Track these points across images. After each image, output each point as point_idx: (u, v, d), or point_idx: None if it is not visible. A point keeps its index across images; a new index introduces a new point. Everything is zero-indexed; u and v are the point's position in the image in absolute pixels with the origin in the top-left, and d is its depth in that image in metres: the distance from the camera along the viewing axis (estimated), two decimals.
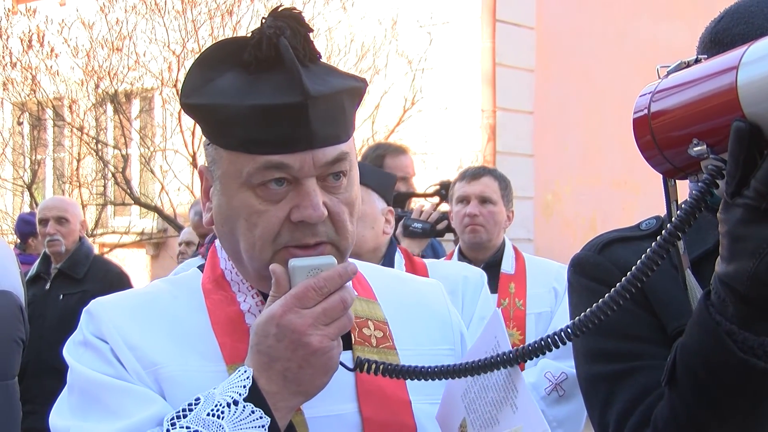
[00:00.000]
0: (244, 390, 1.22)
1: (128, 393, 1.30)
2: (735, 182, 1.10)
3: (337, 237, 1.34)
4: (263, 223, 1.31)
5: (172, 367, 1.34)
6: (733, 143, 1.08)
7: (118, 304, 1.42)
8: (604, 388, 1.43)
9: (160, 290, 1.46)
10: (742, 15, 1.40)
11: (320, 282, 1.25)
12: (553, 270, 3.78)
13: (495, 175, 3.85)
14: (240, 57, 1.33)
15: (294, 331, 1.23)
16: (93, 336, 1.36)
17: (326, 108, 1.30)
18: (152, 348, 1.35)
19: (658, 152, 1.21)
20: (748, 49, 1.09)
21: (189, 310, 1.41)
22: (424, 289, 1.61)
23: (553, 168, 9.65)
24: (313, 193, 1.30)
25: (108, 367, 1.33)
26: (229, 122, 1.31)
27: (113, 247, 10.42)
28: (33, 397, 4.81)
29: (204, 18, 9.08)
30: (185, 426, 1.21)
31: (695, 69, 1.19)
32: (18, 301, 3.20)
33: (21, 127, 10.75)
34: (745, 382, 1.17)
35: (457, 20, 9.08)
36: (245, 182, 1.32)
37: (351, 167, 1.37)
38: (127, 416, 1.27)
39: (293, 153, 1.29)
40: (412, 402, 1.42)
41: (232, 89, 1.32)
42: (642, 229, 1.53)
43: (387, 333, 1.47)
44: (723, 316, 1.16)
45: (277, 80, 1.30)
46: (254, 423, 1.21)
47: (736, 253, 1.11)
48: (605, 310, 1.17)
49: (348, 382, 1.38)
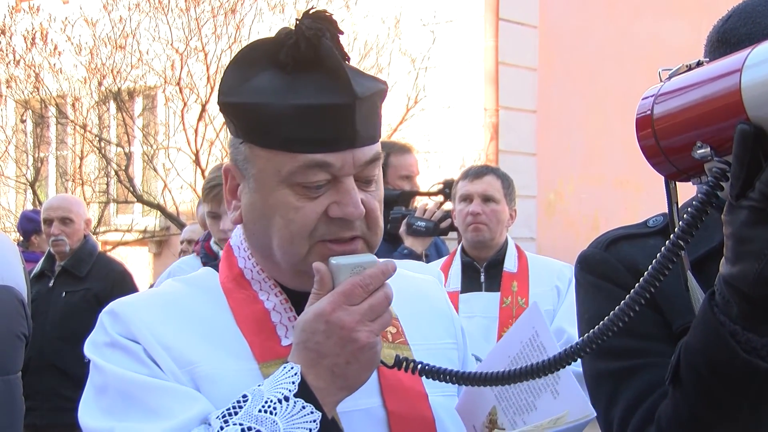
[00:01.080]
0: (293, 386, 1.25)
1: (170, 392, 1.30)
2: (739, 184, 1.10)
3: (369, 232, 1.39)
4: (300, 218, 1.34)
5: (207, 366, 1.35)
6: (738, 146, 1.08)
7: (143, 304, 1.42)
8: (609, 385, 1.43)
9: (178, 290, 1.47)
10: (750, 14, 1.39)
11: (366, 279, 1.29)
12: (555, 268, 3.78)
13: (498, 174, 3.85)
14: (275, 57, 1.36)
15: (343, 327, 1.26)
16: (122, 337, 1.36)
17: (367, 109, 1.35)
18: (186, 347, 1.35)
19: (661, 154, 1.21)
20: (752, 52, 1.09)
21: (212, 309, 1.42)
22: (422, 285, 1.64)
23: (555, 167, 9.64)
24: (354, 191, 1.34)
25: (142, 368, 1.33)
26: (271, 121, 1.33)
27: (116, 245, 10.43)
28: (34, 394, 4.82)
29: (207, 16, 9.09)
30: (238, 423, 1.22)
31: (699, 72, 1.19)
32: (20, 295, 3.20)
33: (24, 125, 10.76)
34: (748, 382, 1.17)
35: (460, 19, 9.08)
36: (284, 180, 1.34)
37: (380, 167, 1.43)
38: (171, 416, 1.27)
39: (336, 152, 1.33)
40: (428, 395, 1.46)
41: (270, 89, 1.34)
42: (649, 226, 1.54)
43: (399, 329, 1.50)
44: (727, 317, 1.16)
45: (319, 80, 1.33)
46: (306, 418, 1.23)
47: (741, 255, 1.12)
48: (622, 317, 1.17)
49: (372, 377, 1.39)
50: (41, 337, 4.69)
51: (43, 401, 4.90)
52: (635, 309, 1.16)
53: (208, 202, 3.75)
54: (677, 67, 1.25)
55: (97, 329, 1.40)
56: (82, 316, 4.96)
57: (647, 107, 1.23)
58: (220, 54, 8.96)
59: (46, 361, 4.89)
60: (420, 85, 8.88)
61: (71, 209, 5.11)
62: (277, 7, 9.09)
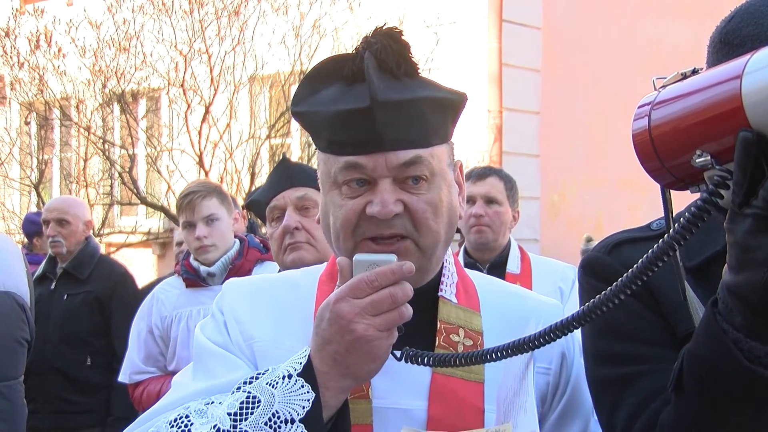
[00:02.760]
0: (299, 366, 1.35)
1: (222, 359, 1.51)
2: (742, 192, 1.09)
3: (417, 233, 1.46)
4: (342, 215, 1.46)
5: (266, 343, 1.52)
6: (740, 153, 1.07)
7: (243, 285, 1.63)
8: (612, 391, 1.43)
9: (285, 278, 1.67)
10: (752, 16, 1.38)
11: (372, 276, 1.35)
12: (558, 270, 3.78)
13: (501, 176, 3.85)
14: (342, 71, 1.48)
15: (342, 317, 1.33)
16: (217, 309, 1.59)
17: (398, 113, 1.43)
18: (255, 325, 1.54)
19: (659, 163, 1.19)
20: (752, 58, 1.08)
21: (301, 298, 1.58)
22: (541, 308, 1.63)
23: (559, 168, 9.64)
24: (384, 191, 1.43)
25: (219, 336, 1.55)
26: (320, 126, 1.49)
27: (120, 246, 10.44)
28: (36, 396, 4.82)
29: (211, 18, 9.09)
30: (246, 390, 1.35)
31: (697, 79, 1.17)
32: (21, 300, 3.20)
33: (28, 127, 10.78)
34: (752, 390, 1.17)
35: (463, 20, 9.08)
36: (334, 181, 1.48)
37: (433, 173, 1.47)
38: (216, 377, 1.47)
39: (366, 155, 1.44)
40: (485, 410, 1.48)
41: (328, 98, 1.47)
42: (653, 229, 1.53)
43: (478, 343, 1.54)
44: (730, 325, 1.16)
45: (362, 89, 1.43)
46: (301, 396, 1.32)
47: (746, 263, 1.11)
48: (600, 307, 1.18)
49: (423, 381, 1.48)
50: (43, 340, 4.67)
51: (45, 404, 4.89)
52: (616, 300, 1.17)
53: (183, 212, 3.74)
54: (671, 76, 1.23)
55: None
56: (83, 319, 4.97)
57: (644, 115, 1.21)
58: (223, 56, 8.97)
59: (48, 364, 4.89)
60: None
61: (68, 211, 5.11)
62: (281, 9, 9.10)
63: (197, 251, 3.76)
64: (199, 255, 3.78)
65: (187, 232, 3.78)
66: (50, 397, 4.90)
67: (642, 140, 1.21)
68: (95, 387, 4.94)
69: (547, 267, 3.81)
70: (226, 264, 3.79)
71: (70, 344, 4.95)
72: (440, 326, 1.52)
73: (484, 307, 1.59)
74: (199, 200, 3.72)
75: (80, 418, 4.96)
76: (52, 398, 4.91)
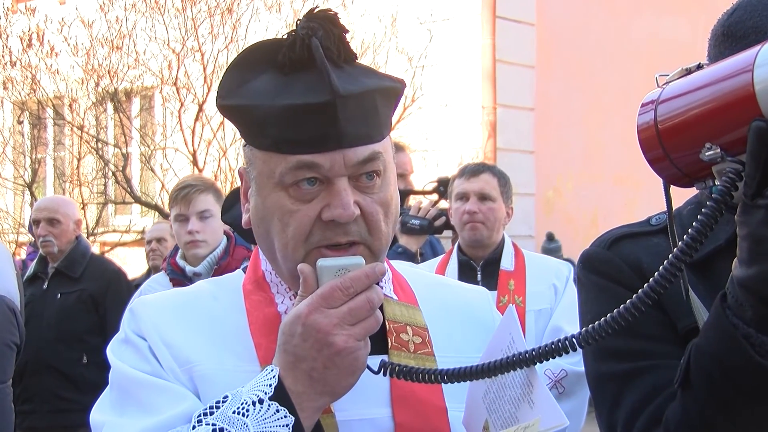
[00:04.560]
0: (269, 389, 1.23)
1: (161, 390, 1.32)
2: (755, 183, 1.08)
3: (370, 237, 1.34)
4: (295, 222, 1.32)
5: (206, 365, 1.35)
6: (754, 143, 1.07)
7: (159, 302, 1.44)
8: (613, 387, 1.41)
9: (202, 290, 1.49)
10: (755, 7, 1.38)
11: (347, 282, 1.25)
12: (552, 266, 3.77)
13: (494, 172, 3.84)
14: (275, 59, 1.34)
15: (319, 330, 1.23)
16: (134, 333, 1.39)
17: (357, 107, 1.30)
18: (188, 346, 1.36)
19: (666, 157, 1.19)
20: (762, 49, 1.08)
21: (228, 310, 1.42)
22: (470, 296, 1.59)
23: (554, 164, 9.64)
24: (344, 192, 1.31)
25: (145, 364, 1.35)
26: (262, 122, 1.32)
27: (114, 245, 10.42)
28: (32, 396, 4.82)
29: (204, 16, 9.07)
30: (211, 423, 1.21)
31: (705, 73, 1.17)
32: (11, 304, 3.18)
33: (21, 126, 10.74)
34: (762, 385, 1.15)
35: (457, 17, 9.07)
36: (278, 182, 1.33)
37: (386, 167, 1.36)
38: (158, 413, 1.29)
39: (324, 152, 1.30)
40: (448, 409, 1.40)
41: (265, 90, 1.33)
42: (652, 224, 1.52)
43: (426, 339, 1.45)
44: (740, 320, 1.15)
45: (309, 80, 1.31)
46: (278, 422, 1.21)
47: (759, 255, 1.10)
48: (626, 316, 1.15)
49: (383, 387, 1.37)
50: (38, 339, 4.67)
51: (41, 403, 4.89)
52: (635, 314, 1.14)
53: (177, 204, 3.69)
54: (675, 72, 1.23)
55: (121, 326, 1.44)
56: (78, 317, 4.97)
57: (649, 110, 1.21)
58: (216, 54, 8.95)
59: (43, 364, 4.88)
60: (417, 83, 8.86)
61: (58, 210, 5.10)
62: (274, 7, 9.08)
63: (187, 246, 3.71)
64: (189, 250, 3.72)
65: (178, 224, 3.73)
66: (47, 396, 4.90)
67: (648, 135, 1.20)
68: (92, 385, 4.92)
69: (542, 264, 3.80)
70: (212, 263, 3.72)
71: (66, 343, 4.94)
72: (389, 326, 1.42)
73: (421, 301, 1.51)
74: (196, 194, 3.68)
75: (78, 416, 4.93)
76: (49, 397, 4.91)
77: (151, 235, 6.00)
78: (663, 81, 1.23)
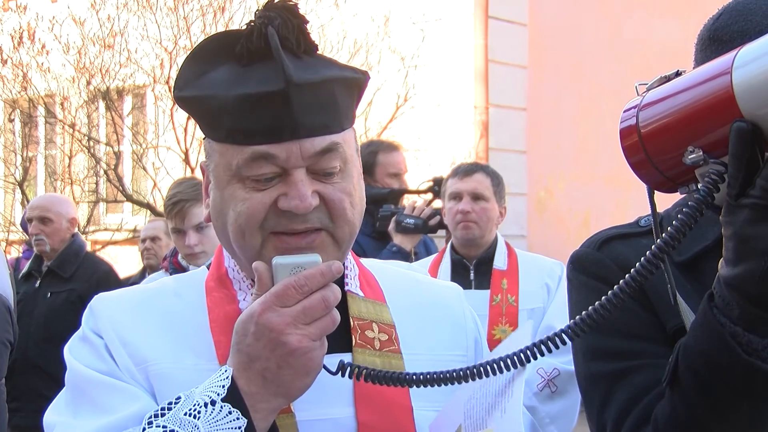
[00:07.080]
0: (222, 390, 1.20)
1: (115, 389, 1.30)
2: (739, 183, 1.10)
3: (332, 225, 1.32)
4: (247, 209, 1.30)
5: (164, 364, 1.33)
6: (735, 144, 1.08)
7: (118, 299, 1.42)
8: (602, 386, 1.42)
9: (164, 287, 1.46)
10: (741, 12, 1.39)
11: (301, 280, 1.22)
12: (545, 266, 3.78)
13: (487, 172, 3.85)
14: (233, 49, 1.32)
15: (272, 330, 1.20)
16: (91, 331, 1.37)
17: (313, 97, 1.28)
18: (146, 344, 1.34)
19: (649, 163, 1.19)
20: (738, 53, 1.10)
21: (189, 307, 1.40)
22: (441, 292, 1.57)
23: (546, 164, 9.66)
24: (301, 183, 1.28)
25: (101, 363, 1.33)
26: (218, 113, 1.30)
27: (105, 244, 10.39)
28: (19, 395, 4.80)
29: (196, 14, 9.05)
30: (161, 425, 1.19)
31: (685, 78, 1.18)
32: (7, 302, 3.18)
33: (12, 125, 10.70)
34: (749, 383, 1.17)
35: (449, 17, 9.08)
36: (235, 174, 1.31)
37: (347, 159, 1.33)
38: (111, 413, 1.26)
39: (279, 143, 1.28)
40: (413, 408, 1.38)
41: (222, 81, 1.31)
42: (641, 225, 1.53)
43: (393, 336, 1.42)
44: (728, 318, 1.16)
45: (265, 70, 1.28)
46: (231, 424, 1.18)
47: (745, 254, 1.11)
48: (602, 313, 1.17)
49: (346, 386, 1.35)
50: (26, 338, 4.66)
51: (27, 403, 4.86)
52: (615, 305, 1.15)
53: (171, 219, 3.70)
54: (654, 80, 1.24)
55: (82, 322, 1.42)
56: (66, 317, 4.93)
57: (631, 116, 1.21)
58: None
59: (30, 363, 4.86)
60: (410, 83, 8.88)
61: (50, 208, 5.08)
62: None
63: (187, 258, 3.76)
64: (189, 261, 3.78)
65: (176, 237, 3.76)
66: (33, 395, 4.87)
67: (631, 141, 1.21)
68: None
69: (534, 263, 3.82)
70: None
71: (53, 343, 4.89)
72: (354, 323, 1.39)
73: (389, 298, 1.48)
74: (190, 209, 3.68)
75: None
76: (34, 397, 4.87)
77: (146, 234, 5.98)
78: (642, 90, 1.24)
